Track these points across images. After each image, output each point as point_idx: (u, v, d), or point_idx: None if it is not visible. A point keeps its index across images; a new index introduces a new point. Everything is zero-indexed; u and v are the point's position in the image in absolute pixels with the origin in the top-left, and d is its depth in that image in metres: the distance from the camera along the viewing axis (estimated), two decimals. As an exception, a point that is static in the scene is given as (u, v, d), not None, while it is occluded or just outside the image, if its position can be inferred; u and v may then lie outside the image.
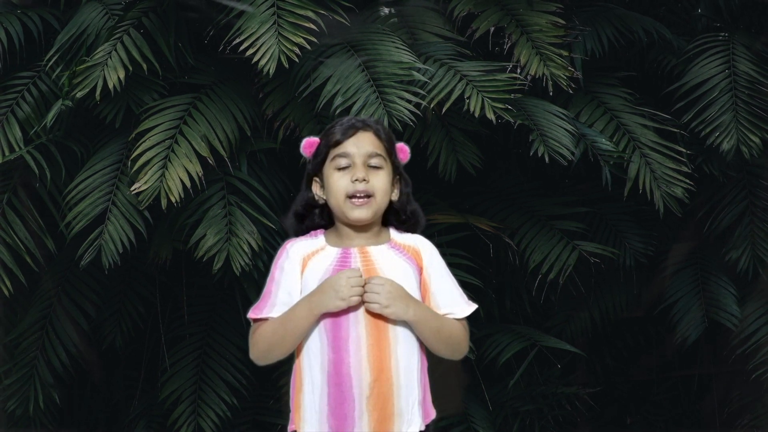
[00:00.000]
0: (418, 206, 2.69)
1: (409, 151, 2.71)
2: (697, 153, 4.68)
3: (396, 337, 2.52)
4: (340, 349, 2.50)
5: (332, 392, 2.50)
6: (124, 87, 4.12)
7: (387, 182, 2.59)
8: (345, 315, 2.50)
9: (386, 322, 2.51)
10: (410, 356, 2.54)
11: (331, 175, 2.58)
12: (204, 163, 4.16)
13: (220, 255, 4.14)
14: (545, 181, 4.99)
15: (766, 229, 4.86)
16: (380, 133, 2.62)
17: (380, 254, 2.58)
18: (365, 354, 2.49)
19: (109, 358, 5.08)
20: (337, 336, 2.50)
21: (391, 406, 2.51)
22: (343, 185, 2.56)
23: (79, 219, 4.22)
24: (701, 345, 5.16)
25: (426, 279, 2.60)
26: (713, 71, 4.63)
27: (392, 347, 2.51)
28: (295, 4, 4.06)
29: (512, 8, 4.46)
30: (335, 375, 2.50)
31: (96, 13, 4.39)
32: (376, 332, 2.51)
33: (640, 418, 5.38)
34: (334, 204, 2.59)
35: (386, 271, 2.54)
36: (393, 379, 2.51)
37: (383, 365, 2.50)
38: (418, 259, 2.60)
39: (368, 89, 4.03)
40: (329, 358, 2.50)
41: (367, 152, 2.58)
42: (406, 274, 2.56)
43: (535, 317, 5.07)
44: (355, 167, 2.56)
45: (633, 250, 4.85)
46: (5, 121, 4.48)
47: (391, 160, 2.62)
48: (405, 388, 2.53)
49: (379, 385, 2.50)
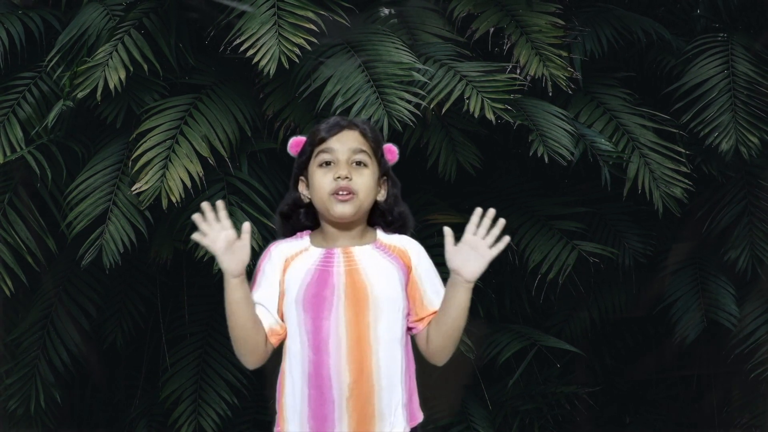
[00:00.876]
0: (407, 207, 2.67)
1: (398, 151, 2.68)
2: (696, 153, 4.69)
3: (377, 339, 2.50)
4: (320, 350, 2.48)
5: (312, 394, 2.49)
6: (125, 87, 4.13)
7: (371, 181, 2.57)
8: (326, 316, 2.49)
9: (367, 325, 2.49)
10: (392, 358, 2.51)
11: (315, 172, 2.57)
12: (205, 163, 4.17)
13: (221, 255, 4.14)
14: (545, 182, 5.00)
15: (765, 229, 4.87)
16: (366, 132, 2.60)
17: (364, 254, 2.56)
18: (345, 355, 2.48)
19: (110, 357, 5.09)
20: (317, 337, 2.49)
21: (371, 407, 2.49)
22: (326, 182, 2.54)
23: (80, 219, 4.23)
24: (700, 344, 5.16)
25: (416, 278, 2.58)
26: (712, 72, 4.64)
27: (373, 348, 2.49)
28: (295, 5, 4.07)
29: (512, 9, 4.47)
30: (315, 376, 2.48)
31: (97, 14, 4.40)
32: (356, 334, 2.49)
33: (639, 417, 5.39)
34: (318, 201, 2.57)
35: (370, 272, 2.52)
36: (374, 381, 2.49)
37: (363, 366, 2.48)
38: (405, 259, 2.58)
39: (368, 90, 4.03)
40: (309, 359, 2.49)
41: (351, 148, 2.56)
42: (389, 274, 2.54)
43: (534, 317, 5.08)
44: (339, 164, 2.55)
45: (632, 250, 4.86)
46: (6, 122, 4.49)
47: (377, 159, 2.60)
48: (386, 389, 2.50)
49: (359, 387, 2.48)
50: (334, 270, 2.52)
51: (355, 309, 2.49)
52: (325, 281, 2.51)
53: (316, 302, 2.50)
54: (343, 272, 2.52)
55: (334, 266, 2.52)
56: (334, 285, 2.51)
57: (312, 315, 2.50)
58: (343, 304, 2.49)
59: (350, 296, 2.50)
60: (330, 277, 2.51)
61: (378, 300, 2.51)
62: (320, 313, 2.49)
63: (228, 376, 4.68)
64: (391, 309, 2.53)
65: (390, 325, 2.52)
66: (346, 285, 2.51)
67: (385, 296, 2.52)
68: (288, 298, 2.54)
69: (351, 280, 2.51)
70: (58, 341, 4.68)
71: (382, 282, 2.52)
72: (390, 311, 2.53)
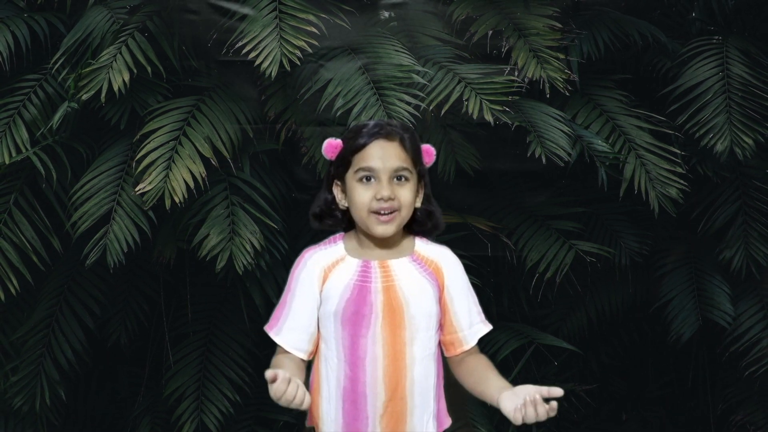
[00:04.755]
0: (437, 206, 2.64)
1: (435, 152, 2.64)
2: (691, 154, 4.70)
3: (413, 358, 2.50)
4: (357, 367, 2.48)
5: (347, 407, 2.50)
6: (129, 89, 4.16)
7: (412, 194, 2.52)
8: (364, 334, 2.47)
9: (404, 343, 2.49)
10: (426, 376, 2.52)
11: (354, 187, 2.50)
12: (207, 164, 4.19)
13: (223, 254, 4.16)
14: (542, 182, 5.01)
15: (760, 229, 4.87)
16: (405, 142, 2.52)
17: (401, 269, 2.52)
18: (381, 374, 2.48)
19: (114, 355, 5.11)
20: (354, 354, 2.48)
21: (404, 425, 2.50)
22: (367, 200, 2.48)
23: (85, 219, 4.25)
24: (695, 343, 5.17)
25: (447, 300, 2.55)
26: (707, 74, 4.66)
27: (408, 368, 2.49)
28: (296, 8, 4.09)
29: (510, 12, 4.49)
30: (351, 391, 2.49)
31: (101, 17, 4.42)
32: (392, 353, 2.48)
33: (635, 414, 5.38)
34: (357, 216, 2.52)
35: (407, 290, 2.49)
36: (407, 399, 2.49)
37: (398, 385, 2.48)
38: (439, 276, 2.55)
39: (368, 91, 4.05)
40: (346, 373, 2.49)
41: (393, 167, 2.48)
42: (424, 291, 2.52)
43: (532, 315, 5.07)
44: (380, 183, 2.48)
45: (628, 250, 4.87)
46: (12, 123, 4.50)
47: (417, 169, 2.55)
48: (419, 407, 2.51)
49: (393, 405, 2.49)
50: (372, 287, 2.50)
51: (392, 327, 2.48)
52: (363, 299, 2.49)
53: (355, 320, 2.48)
54: (380, 289, 2.49)
55: (372, 282, 2.50)
56: (371, 303, 2.48)
57: (350, 332, 2.49)
58: (380, 323, 2.48)
59: (387, 315, 2.48)
60: (368, 294, 2.49)
61: (414, 319, 2.50)
62: (359, 330, 2.48)
63: (230, 373, 4.70)
64: (426, 326, 2.52)
65: (425, 343, 2.52)
66: (384, 303, 2.48)
67: (420, 314, 2.51)
68: (326, 309, 2.51)
69: (388, 298, 2.49)
70: (63, 339, 4.69)
71: (418, 299, 2.50)
72: (425, 329, 2.52)
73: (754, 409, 5.11)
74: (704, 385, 5.35)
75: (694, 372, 5.36)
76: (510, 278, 4.94)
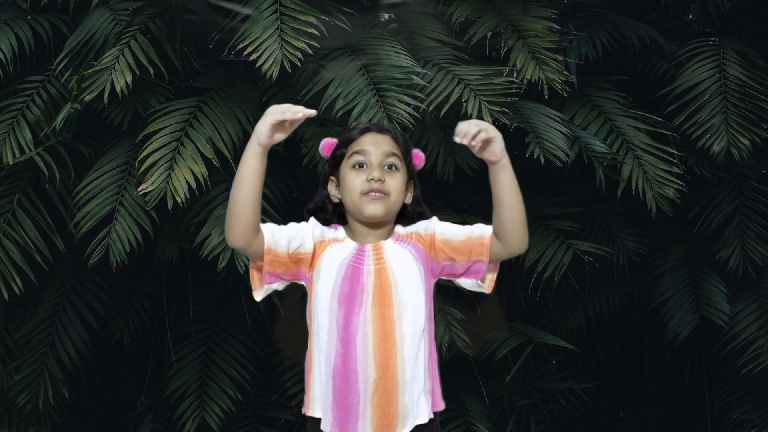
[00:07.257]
0: (428, 210, 2.72)
1: (424, 157, 2.74)
2: (688, 155, 4.73)
3: (402, 336, 2.56)
4: (348, 344, 2.54)
5: (338, 385, 2.55)
6: (132, 90, 4.18)
7: (402, 183, 2.63)
8: (356, 312, 2.54)
9: (392, 322, 2.55)
10: (417, 354, 2.57)
11: (347, 174, 2.62)
12: (209, 164, 4.22)
13: (225, 254, 4.18)
14: (541, 182, 5.05)
15: (756, 229, 4.90)
16: (398, 137, 2.66)
17: (392, 251, 2.60)
18: (371, 352, 2.53)
19: (116, 354, 5.14)
20: (346, 331, 2.54)
21: (395, 403, 2.55)
22: (358, 183, 2.59)
23: (88, 219, 4.27)
24: (692, 341, 5.20)
25: (440, 237, 2.62)
26: (704, 75, 4.69)
27: (398, 346, 2.55)
28: (297, 10, 4.12)
29: (509, 14, 4.52)
30: (342, 369, 2.54)
31: (104, 19, 4.45)
32: (382, 331, 2.54)
33: (632, 412, 5.41)
34: (349, 202, 2.62)
35: (396, 271, 2.58)
36: (398, 376, 2.54)
37: (389, 363, 2.54)
38: (422, 240, 2.62)
39: (369, 93, 4.08)
40: (337, 350, 2.54)
41: (384, 152, 2.62)
42: (410, 270, 2.59)
43: (530, 314, 5.11)
44: (371, 167, 2.60)
45: (626, 249, 4.90)
46: (16, 124, 4.53)
47: (407, 163, 2.66)
48: (410, 383, 2.56)
49: (384, 383, 2.54)
50: (365, 268, 2.58)
51: (381, 307, 2.56)
52: (357, 278, 2.57)
53: (349, 298, 2.56)
54: (372, 271, 2.58)
55: (365, 264, 2.58)
56: (363, 283, 2.57)
57: (345, 310, 2.55)
58: (370, 302, 2.55)
59: (377, 295, 2.56)
60: (361, 275, 2.57)
61: (401, 297, 2.57)
62: (352, 308, 2.55)
63: (232, 372, 4.73)
64: (414, 304, 2.58)
65: (413, 319, 2.58)
66: (374, 284, 2.57)
67: (406, 292, 2.58)
68: (321, 286, 2.59)
69: (379, 279, 2.57)
70: (66, 338, 4.72)
71: (405, 276, 2.58)
72: (413, 307, 2.58)
73: (750, 407, 5.14)
74: (701, 383, 5.38)
75: (690, 370, 5.39)
76: (509, 277, 4.97)
